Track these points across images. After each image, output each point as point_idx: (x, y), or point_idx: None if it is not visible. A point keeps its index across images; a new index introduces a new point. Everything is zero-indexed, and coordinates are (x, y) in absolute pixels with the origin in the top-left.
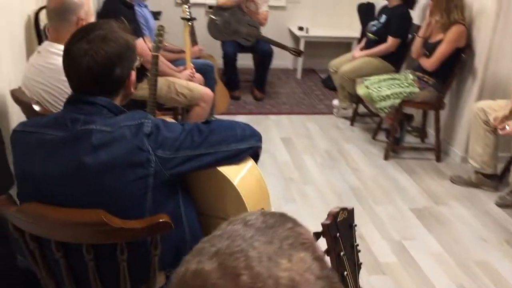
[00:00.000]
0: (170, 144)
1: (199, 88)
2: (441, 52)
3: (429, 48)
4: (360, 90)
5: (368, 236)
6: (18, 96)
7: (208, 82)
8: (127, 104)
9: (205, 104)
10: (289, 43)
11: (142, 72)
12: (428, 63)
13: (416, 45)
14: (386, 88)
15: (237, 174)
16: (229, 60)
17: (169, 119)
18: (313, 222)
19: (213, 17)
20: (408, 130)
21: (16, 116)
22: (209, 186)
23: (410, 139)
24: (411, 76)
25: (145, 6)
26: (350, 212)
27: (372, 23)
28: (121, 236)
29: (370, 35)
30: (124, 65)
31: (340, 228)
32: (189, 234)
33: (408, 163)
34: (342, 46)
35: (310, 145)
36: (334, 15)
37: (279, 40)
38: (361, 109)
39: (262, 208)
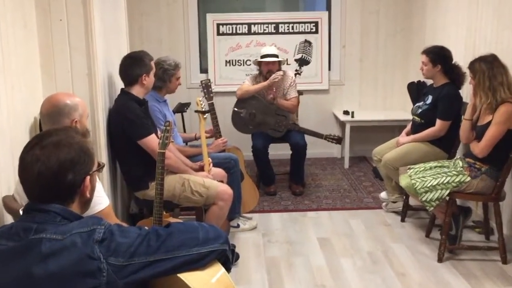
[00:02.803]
0: (124, 250)
1: (216, 185)
2: (490, 135)
3: (479, 131)
4: (403, 181)
5: None
6: (7, 203)
7: (232, 177)
8: (145, 205)
9: (223, 203)
10: (334, 129)
11: (154, 170)
12: (478, 149)
13: (464, 129)
14: (431, 178)
15: (204, 284)
16: (259, 153)
17: (175, 220)
18: None
19: (236, 109)
20: (469, 226)
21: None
22: None
23: (472, 236)
24: (461, 163)
25: (164, 101)
26: None
27: (418, 104)
28: None
29: (416, 117)
30: (78, 170)
31: None
32: None
33: (467, 265)
34: (396, 130)
35: (351, 245)
36: (386, 96)
37: (322, 127)
38: (414, 201)
39: None
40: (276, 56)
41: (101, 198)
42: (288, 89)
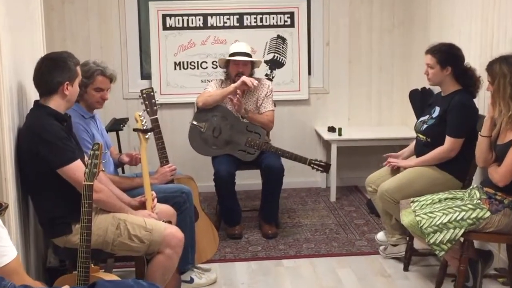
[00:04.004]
0: None
1: (161, 227)
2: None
3: (499, 152)
4: (405, 217)
5: None
6: None
7: (183, 216)
8: (66, 255)
9: (171, 251)
10: (317, 151)
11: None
12: (498, 175)
13: (480, 148)
14: (441, 213)
15: None
16: (223, 183)
17: (111, 276)
18: None
19: (196, 123)
20: (491, 275)
21: None
22: None
23: None
24: (478, 194)
25: (92, 117)
26: None
27: (422, 118)
28: None
29: (420, 135)
30: None
31: None
32: None
33: None
34: (396, 151)
35: None
36: (382, 108)
37: (300, 149)
38: (420, 244)
39: None
40: (249, 55)
41: (5, 249)
42: (263, 101)
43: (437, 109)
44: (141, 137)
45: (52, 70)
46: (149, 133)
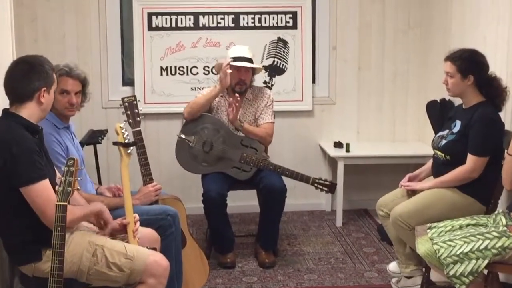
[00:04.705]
0: None
1: (144, 254)
2: None
3: None
4: (421, 245)
5: None
6: None
7: (168, 242)
8: (35, 285)
9: (155, 281)
10: (321, 169)
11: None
12: None
13: (507, 169)
14: (462, 242)
15: None
16: (213, 205)
17: None
18: None
19: (184, 136)
20: None
21: None
22: None
23: None
24: (504, 220)
25: (66, 128)
26: None
27: (441, 133)
28: None
29: (439, 153)
30: None
31: None
32: None
33: None
34: (411, 171)
35: None
36: (395, 121)
37: (302, 167)
38: (438, 276)
39: None
40: (251, 61)
41: None
42: (262, 111)
43: (458, 123)
44: (122, 151)
45: (28, 75)
46: (131, 148)
